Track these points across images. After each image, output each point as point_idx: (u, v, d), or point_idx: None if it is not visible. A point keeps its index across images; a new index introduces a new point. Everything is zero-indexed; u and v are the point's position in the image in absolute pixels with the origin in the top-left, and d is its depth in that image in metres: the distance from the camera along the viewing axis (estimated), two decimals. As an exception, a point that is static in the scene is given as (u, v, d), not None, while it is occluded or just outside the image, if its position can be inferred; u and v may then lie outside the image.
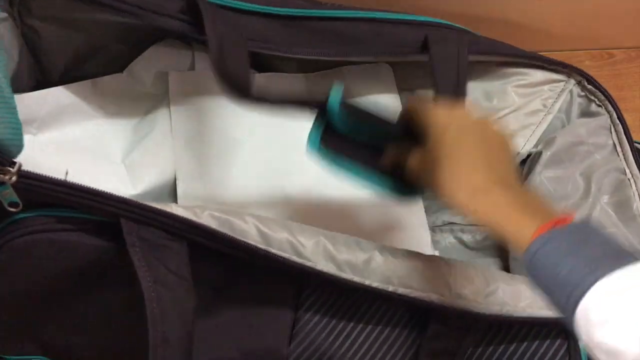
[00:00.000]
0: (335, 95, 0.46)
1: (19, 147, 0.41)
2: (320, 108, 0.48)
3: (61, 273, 0.46)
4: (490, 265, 0.71)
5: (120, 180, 0.59)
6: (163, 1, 0.52)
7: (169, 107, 0.63)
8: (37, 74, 0.63)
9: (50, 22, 0.59)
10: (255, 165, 0.63)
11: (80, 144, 0.60)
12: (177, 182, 0.61)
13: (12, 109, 0.41)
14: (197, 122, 0.63)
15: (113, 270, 0.46)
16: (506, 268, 0.67)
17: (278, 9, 0.56)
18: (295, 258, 0.46)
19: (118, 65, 0.65)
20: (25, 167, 0.41)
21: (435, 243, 0.75)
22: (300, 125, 0.63)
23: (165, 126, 0.63)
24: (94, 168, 0.59)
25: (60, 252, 0.45)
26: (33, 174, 0.41)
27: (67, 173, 0.44)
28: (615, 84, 0.87)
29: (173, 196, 0.61)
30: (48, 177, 0.41)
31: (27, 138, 0.45)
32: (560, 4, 0.80)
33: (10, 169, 0.39)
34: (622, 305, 0.31)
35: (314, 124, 0.49)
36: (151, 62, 0.65)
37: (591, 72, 0.86)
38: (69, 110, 0.60)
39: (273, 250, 0.45)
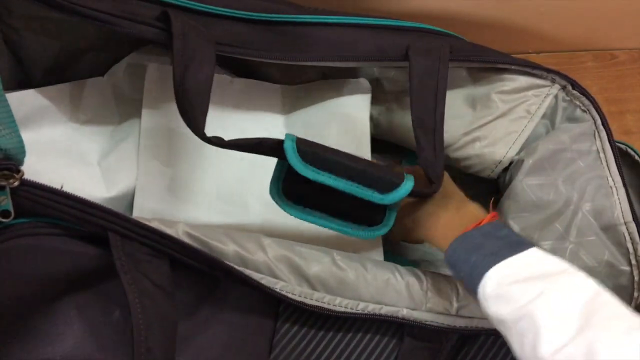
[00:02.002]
0: (289, 142, 0.51)
1: (24, 154, 0.45)
2: (279, 155, 0.52)
3: (43, 280, 0.48)
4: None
5: (94, 182, 0.62)
6: (137, 8, 0.54)
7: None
8: (20, 74, 0.65)
9: (30, 22, 0.61)
10: (218, 171, 0.65)
11: (57, 145, 0.62)
12: (137, 175, 0.63)
13: (13, 119, 0.46)
14: (168, 117, 0.65)
15: (97, 279, 0.49)
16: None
17: (256, 14, 0.58)
18: (268, 279, 0.50)
19: (101, 68, 0.67)
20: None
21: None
22: (271, 130, 0.66)
23: None
24: (68, 169, 0.61)
25: (45, 258, 0.47)
26: (32, 182, 0.44)
27: (62, 187, 0.47)
28: (618, 85, 0.91)
29: None
30: (45, 186, 0.45)
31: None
32: (563, 4, 0.82)
33: (15, 175, 0.43)
34: (506, 284, 0.45)
35: (274, 171, 0.54)
36: (131, 67, 0.67)
37: (594, 73, 0.90)
38: (47, 112, 0.62)
39: (248, 272, 0.49)
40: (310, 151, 0.51)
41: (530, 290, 0.44)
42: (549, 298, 0.43)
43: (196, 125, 0.51)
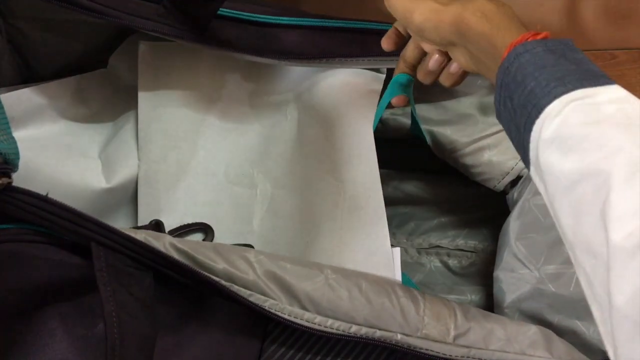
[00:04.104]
0: None
1: (19, 159, 0.45)
2: None
3: (22, 287, 0.47)
4: (474, 292, 0.73)
5: (94, 175, 0.62)
6: (137, 6, 0.54)
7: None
8: (24, 72, 0.64)
9: (34, 22, 0.60)
10: (223, 151, 0.64)
11: (58, 140, 0.61)
12: (139, 164, 0.62)
13: (9, 124, 0.46)
14: (166, 98, 0.64)
15: (82, 290, 0.48)
16: (490, 295, 0.68)
17: (252, 14, 0.57)
18: (256, 296, 0.48)
19: (104, 62, 0.67)
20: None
21: (420, 266, 0.76)
22: (275, 109, 0.65)
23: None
24: (67, 163, 0.61)
25: (28, 266, 0.46)
26: (16, 187, 0.43)
27: (47, 194, 0.46)
28: None
29: None
30: (29, 191, 0.44)
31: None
32: (563, 4, 0.83)
33: (8, 178, 0.42)
34: (574, 124, 0.32)
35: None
36: (128, 53, 0.66)
37: None
38: (48, 107, 0.61)
39: (235, 288, 0.48)
40: None
41: (608, 140, 0.31)
42: (632, 158, 0.30)
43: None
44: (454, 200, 0.76)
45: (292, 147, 0.65)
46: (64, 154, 0.61)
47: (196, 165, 0.63)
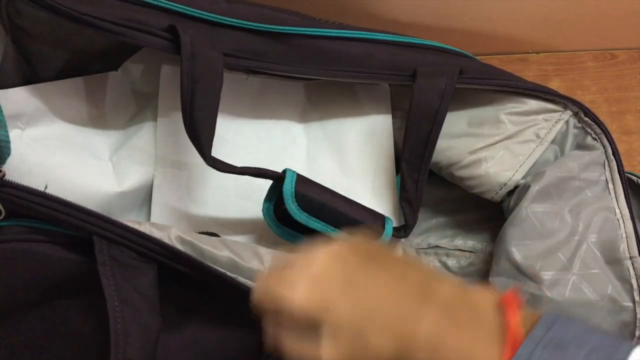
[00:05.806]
0: (289, 183, 0.54)
1: (9, 154, 0.44)
2: (275, 185, 0.55)
3: (27, 285, 0.47)
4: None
5: (105, 177, 0.62)
6: (145, 16, 0.53)
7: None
8: (27, 72, 0.63)
9: (39, 23, 0.60)
10: (238, 164, 0.65)
11: (69, 140, 0.61)
12: (154, 173, 0.63)
13: (2, 113, 0.45)
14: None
15: (80, 286, 0.48)
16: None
17: (267, 25, 0.57)
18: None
19: (113, 68, 0.67)
20: (12, 162, 0.44)
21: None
22: (288, 130, 0.66)
23: (154, 124, 0.66)
24: (80, 164, 0.61)
25: (28, 263, 0.46)
26: (12, 182, 0.43)
27: (45, 187, 0.46)
28: (617, 85, 0.91)
29: None
30: (25, 187, 0.43)
31: (15, 133, 0.48)
32: (563, 4, 0.83)
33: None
34: None
35: (268, 192, 0.56)
36: (145, 60, 0.67)
37: (594, 73, 0.91)
38: (59, 106, 0.61)
39: (241, 279, 0.47)
40: (307, 197, 0.54)
41: None
42: None
43: (202, 151, 0.53)
44: (453, 200, 0.76)
45: (300, 169, 0.66)
46: (76, 155, 0.61)
47: (208, 178, 0.64)
